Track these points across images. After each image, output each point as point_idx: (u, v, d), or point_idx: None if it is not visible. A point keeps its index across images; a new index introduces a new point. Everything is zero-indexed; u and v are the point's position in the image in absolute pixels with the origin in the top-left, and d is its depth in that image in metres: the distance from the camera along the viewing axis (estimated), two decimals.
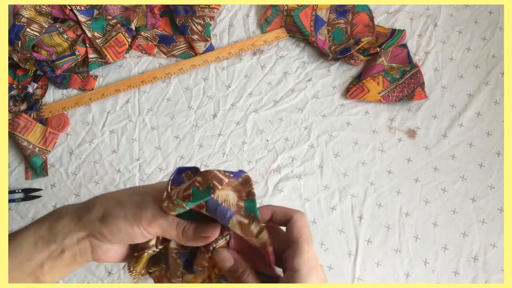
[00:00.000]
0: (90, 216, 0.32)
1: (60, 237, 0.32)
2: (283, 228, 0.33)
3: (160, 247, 0.35)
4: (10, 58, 0.68)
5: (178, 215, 0.33)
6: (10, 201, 0.62)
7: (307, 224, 0.32)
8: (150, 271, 0.36)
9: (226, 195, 0.32)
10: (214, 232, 0.32)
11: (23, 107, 0.67)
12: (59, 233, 0.32)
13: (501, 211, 0.58)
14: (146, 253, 0.34)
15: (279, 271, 0.32)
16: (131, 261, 0.35)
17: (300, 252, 0.30)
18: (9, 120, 0.66)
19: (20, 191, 0.63)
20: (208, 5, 0.70)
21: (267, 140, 0.65)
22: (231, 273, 0.31)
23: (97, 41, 0.68)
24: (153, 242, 0.34)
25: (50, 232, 0.33)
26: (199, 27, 0.70)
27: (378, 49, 0.66)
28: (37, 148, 0.65)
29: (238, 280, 0.31)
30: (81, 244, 0.32)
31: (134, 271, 0.35)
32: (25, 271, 0.32)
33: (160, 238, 0.34)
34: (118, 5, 0.72)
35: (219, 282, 0.33)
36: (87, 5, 0.70)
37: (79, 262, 0.33)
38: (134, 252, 0.35)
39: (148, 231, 0.32)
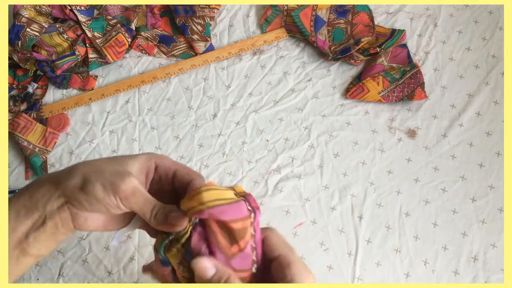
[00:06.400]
0: (69, 182, 0.32)
1: (40, 204, 0.32)
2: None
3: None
4: (10, 58, 0.68)
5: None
6: None
7: (280, 236, 0.32)
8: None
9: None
10: (183, 223, 0.31)
11: (23, 107, 0.67)
12: (40, 201, 0.32)
13: (501, 211, 0.58)
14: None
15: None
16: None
17: (288, 263, 0.30)
18: (9, 120, 0.66)
19: None
20: (208, 5, 0.70)
21: (267, 140, 0.65)
22: (214, 282, 0.30)
23: (97, 41, 0.68)
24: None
25: (31, 200, 0.32)
26: (199, 27, 0.70)
27: (378, 49, 0.66)
28: (37, 148, 0.65)
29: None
30: (61, 213, 0.32)
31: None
32: (11, 243, 0.32)
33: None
34: (118, 5, 0.72)
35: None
36: (87, 5, 0.70)
37: (62, 231, 0.33)
38: (114, 221, 0.35)
39: (124, 204, 0.32)
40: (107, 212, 0.33)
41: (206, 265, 0.30)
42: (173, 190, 0.36)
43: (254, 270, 0.31)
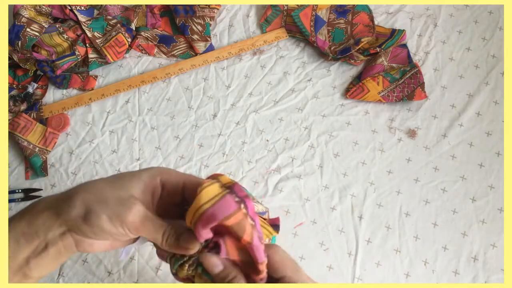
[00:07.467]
0: (71, 212, 0.31)
1: (41, 232, 0.31)
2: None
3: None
4: (10, 58, 0.68)
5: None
6: (10, 201, 0.62)
7: (283, 254, 0.31)
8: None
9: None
10: (195, 246, 0.31)
11: (23, 107, 0.67)
12: (40, 228, 0.31)
13: (501, 211, 0.58)
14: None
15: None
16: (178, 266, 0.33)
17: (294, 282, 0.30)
18: (9, 120, 0.66)
19: (20, 191, 0.63)
20: (208, 5, 0.70)
21: (267, 140, 0.65)
22: (220, 279, 0.30)
23: (97, 41, 0.68)
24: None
25: (30, 227, 0.31)
26: (199, 27, 0.70)
27: (378, 49, 0.66)
28: (37, 148, 0.65)
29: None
30: (64, 240, 0.31)
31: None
32: (11, 269, 0.31)
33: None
34: (118, 5, 0.72)
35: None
36: (87, 5, 0.70)
37: (65, 255, 0.32)
38: (121, 241, 0.34)
39: (133, 233, 0.31)
40: (114, 240, 0.32)
41: (214, 261, 0.30)
42: (184, 200, 0.35)
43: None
